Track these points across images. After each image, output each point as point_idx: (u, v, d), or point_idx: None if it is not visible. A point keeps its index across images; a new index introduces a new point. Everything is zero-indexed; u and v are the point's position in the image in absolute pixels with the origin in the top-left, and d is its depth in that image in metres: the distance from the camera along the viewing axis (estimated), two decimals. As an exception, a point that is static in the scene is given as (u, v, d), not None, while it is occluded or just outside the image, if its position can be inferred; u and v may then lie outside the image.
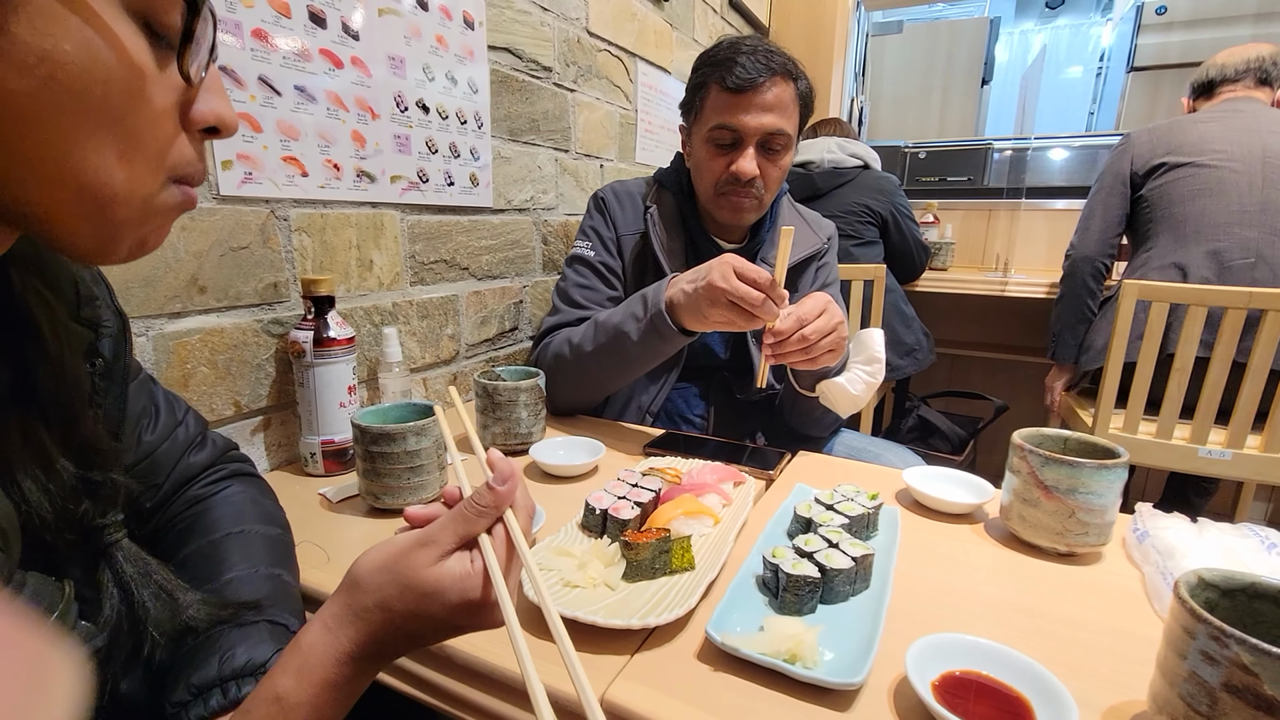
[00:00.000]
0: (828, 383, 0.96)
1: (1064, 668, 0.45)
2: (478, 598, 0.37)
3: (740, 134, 0.97)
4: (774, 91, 0.96)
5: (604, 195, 1.13)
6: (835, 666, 0.47)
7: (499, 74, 1.18)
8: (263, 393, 0.84)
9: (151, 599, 0.39)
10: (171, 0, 0.29)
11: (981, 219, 2.51)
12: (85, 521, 0.37)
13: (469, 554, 0.38)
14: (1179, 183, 1.48)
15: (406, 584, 0.36)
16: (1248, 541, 0.62)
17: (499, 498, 0.39)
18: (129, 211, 0.30)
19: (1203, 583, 0.43)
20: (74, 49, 0.26)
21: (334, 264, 0.92)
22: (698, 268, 0.87)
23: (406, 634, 0.38)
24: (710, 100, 0.99)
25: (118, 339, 0.44)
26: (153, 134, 0.30)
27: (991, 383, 2.51)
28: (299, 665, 0.36)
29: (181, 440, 0.56)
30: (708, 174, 1.02)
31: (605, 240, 1.10)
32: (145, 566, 0.40)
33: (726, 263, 0.82)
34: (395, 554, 0.37)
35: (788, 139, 0.99)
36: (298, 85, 0.83)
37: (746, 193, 1.00)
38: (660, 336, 0.89)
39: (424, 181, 1.04)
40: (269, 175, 0.81)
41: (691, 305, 0.86)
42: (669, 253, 1.06)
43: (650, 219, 1.07)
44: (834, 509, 0.67)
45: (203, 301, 0.76)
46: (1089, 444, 0.68)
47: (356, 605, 0.37)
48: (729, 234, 1.11)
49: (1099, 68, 3.69)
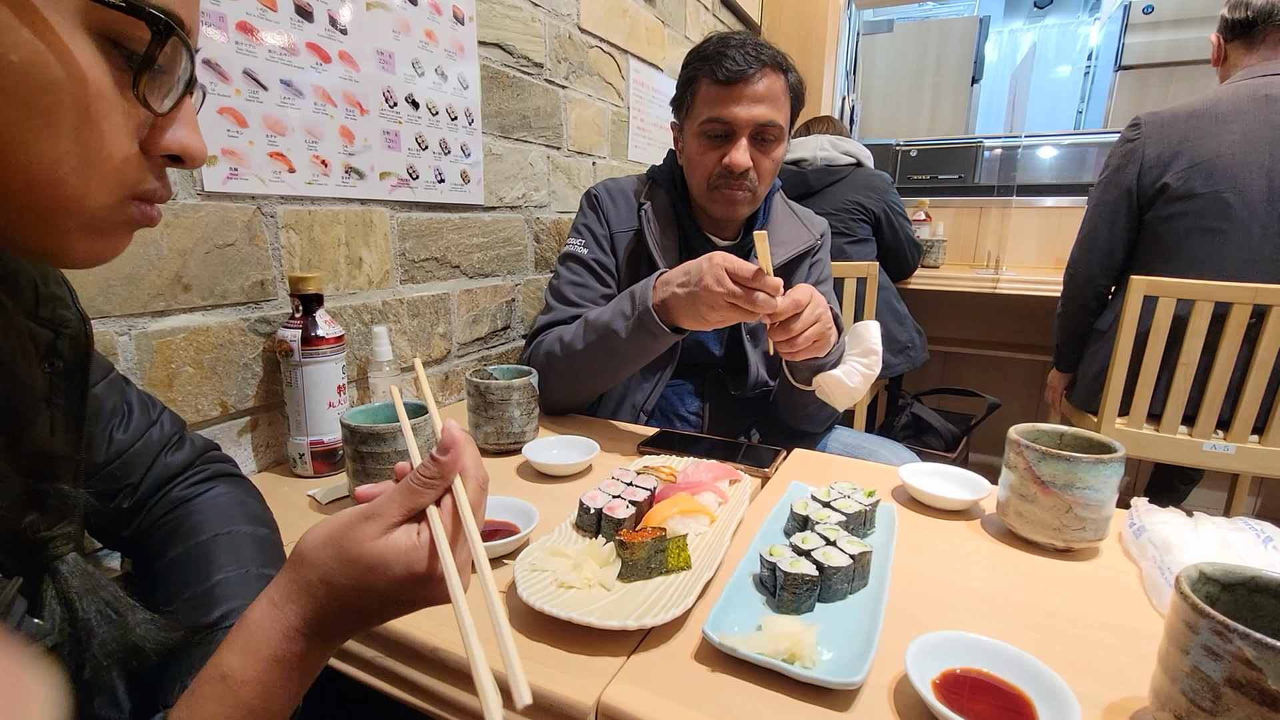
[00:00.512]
0: (824, 375, 0.95)
1: (1063, 664, 0.44)
2: (423, 570, 0.36)
3: (732, 126, 0.96)
4: (765, 83, 0.95)
5: (597, 193, 1.12)
6: (834, 666, 0.46)
7: (489, 70, 1.17)
8: (250, 393, 0.83)
9: (97, 616, 0.37)
10: (139, 26, 0.29)
11: (973, 217, 2.52)
12: (30, 534, 0.36)
13: (415, 526, 0.37)
14: (1186, 218, 1.33)
15: (350, 557, 0.35)
16: (1243, 535, 0.62)
17: (443, 468, 0.38)
18: (75, 220, 0.31)
19: (1203, 577, 0.43)
20: (20, 60, 0.27)
21: (322, 262, 0.91)
22: (687, 266, 0.87)
23: (354, 610, 0.37)
24: (701, 94, 0.99)
25: (78, 339, 0.42)
26: (104, 151, 0.30)
27: (984, 380, 2.52)
28: (244, 642, 0.35)
29: (156, 440, 0.55)
30: (700, 168, 1.01)
31: (599, 237, 1.09)
32: (92, 581, 0.38)
33: (719, 265, 0.81)
34: (339, 527, 0.36)
35: (780, 130, 0.99)
36: (284, 80, 0.81)
37: (740, 185, 0.99)
38: (649, 334, 0.89)
39: (414, 178, 1.03)
40: (255, 171, 0.79)
41: (688, 308, 0.85)
42: (663, 250, 1.05)
43: (645, 216, 1.06)
44: (831, 506, 0.66)
45: (187, 300, 0.75)
46: (1085, 439, 0.68)
47: (301, 580, 0.36)
48: (723, 230, 1.10)
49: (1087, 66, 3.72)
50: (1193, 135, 1.32)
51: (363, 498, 0.40)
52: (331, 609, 0.36)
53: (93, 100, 0.29)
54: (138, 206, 0.34)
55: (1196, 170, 1.31)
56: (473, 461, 0.40)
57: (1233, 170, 1.28)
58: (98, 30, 0.29)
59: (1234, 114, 1.29)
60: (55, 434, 0.41)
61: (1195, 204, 1.32)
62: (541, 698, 0.45)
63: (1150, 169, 1.37)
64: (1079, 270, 1.53)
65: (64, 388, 0.42)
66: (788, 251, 1.08)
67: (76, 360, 0.42)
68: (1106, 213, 1.45)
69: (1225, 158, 1.29)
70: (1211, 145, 1.30)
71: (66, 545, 0.38)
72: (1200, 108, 1.34)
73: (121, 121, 0.31)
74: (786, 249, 1.09)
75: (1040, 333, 2.41)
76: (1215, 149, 1.30)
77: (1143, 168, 1.38)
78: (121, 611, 0.39)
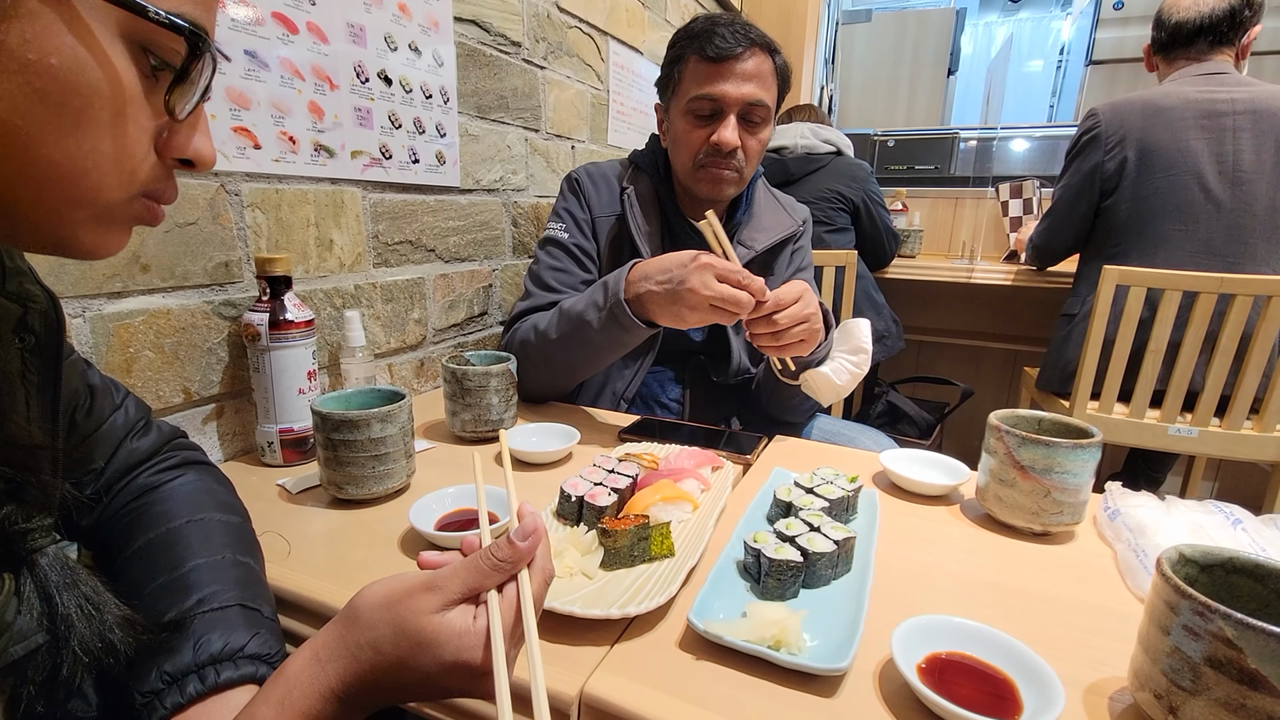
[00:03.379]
0: (812, 372, 0.95)
1: (1043, 646, 0.45)
2: (473, 660, 0.34)
3: (721, 103, 0.95)
4: (753, 62, 0.94)
5: (578, 176, 1.10)
6: (820, 652, 0.46)
7: (465, 47, 1.13)
8: (215, 379, 0.79)
9: (77, 612, 0.36)
10: (174, 38, 0.31)
11: (949, 207, 2.55)
12: (6, 526, 0.34)
13: (473, 609, 0.35)
14: (1145, 202, 1.43)
15: (403, 628, 0.34)
16: (1214, 518, 0.64)
17: (518, 553, 0.36)
18: (87, 213, 0.32)
19: (1183, 558, 0.43)
20: (60, 63, 0.28)
21: (291, 243, 0.87)
22: (667, 264, 0.84)
23: (392, 684, 0.35)
24: (689, 72, 0.97)
25: (48, 314, 0.41)
26: (126, 152, 0.32)
27: (957, 368, 2.56)
28: (281, 696, 0.33)
29: (121, 424, 0.53)
30: (686, 147, 0.99)
31: (580, 222, 1.07)
32: (72, 575, 0.37)
33: (705, 266, 0.79)
34: (399, 593, 0.35)
35: (767, 111, 0.97)
36: (248, 50, 0.78)
37: (727, 164, 0.98)
38: (621, 327, 0.86)
39: (387, 158, 1.00)
40: (218, 146, 0.75)
41: (666, 306, 0.83)
42: (645, 235, 1.04)
43: (628, 200, 1.05)
44: (814, 492, 0.66)
45: (146, 281, 0.71)
46: (1063, 424, 0.69)
47: (350, 640, 0.34)
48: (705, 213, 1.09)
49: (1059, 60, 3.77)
50: (1147, 124, 1.43)
51: (427, 564, 0.38)
52: (371, 677, 0.34)
53: (122, 104, 0.30)
54: (144, 204, 0.34)
55: (1154, 157, 1.42)
56: (543, 553, 0.38)
57: (1186, 154, 1.39)
58: (132, 37, 0.30)
59: (1183, 105, 1.41)
60: (32, 419, 0.39)
61: (1153, 190, 1.42)
62: (522, 689, 0.43)
63: (1110, 158, 1.47)
64: (1038, 246, 1.70)
65: (37, 364, 0.40)
66: (770, 238, 1.08)
67: (48, 336, 0.41)
68: (1070, 197, 1.55)
69: (1179, 143, 1.40)
70: (1165, 134, 1.41)
71: (45, 537, 0.36)
72: (1153, 99, 1.46)
73: (146, 124, 0.32)
74: (769, 235, 1.08)
75: (1013, 323, 2.46)
76: (1169, 138, 1.41)
77: (1104, 156, 1.48)
78: (100, 606, 0.37)
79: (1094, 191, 1.51)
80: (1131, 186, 1.45)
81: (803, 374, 0.96)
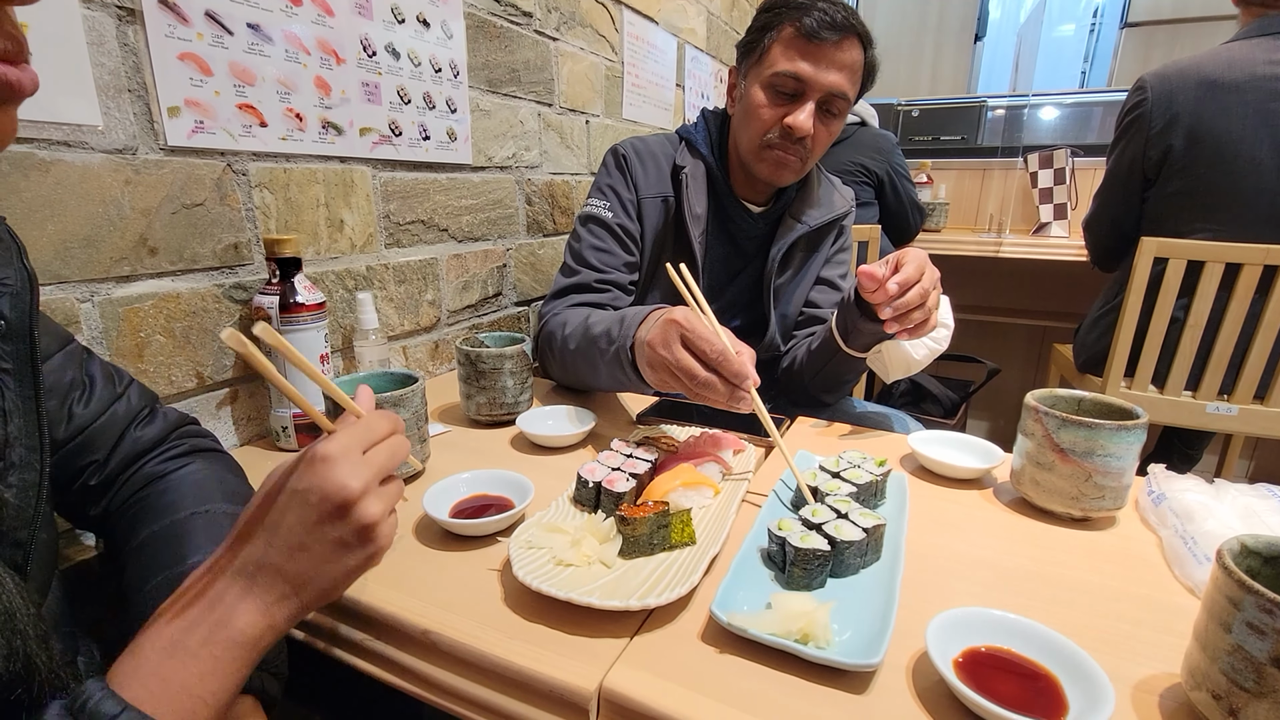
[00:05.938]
0: (889, 344, 0.87)
1: (1086, 639, 0.42)
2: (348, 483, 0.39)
3: (806, 85, 0.90)
4: (850, 52, 0.89)
5: (625, 151, 1.05)
6: (850, 646, 0.44)
7: (475, 19, 1.09)
8: (227, 363, 0.79)
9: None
10: None
11: (975, 179, 2.46)
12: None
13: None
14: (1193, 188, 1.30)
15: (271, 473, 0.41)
16: (1267, 502, 0.60)
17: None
18: None
19: (1245, 549, 0.40)
20: None
21: (300, 224, 0.85)
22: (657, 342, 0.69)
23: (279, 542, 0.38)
24: (781, 42, 0.91)
25: (21, 296, 0.39)
26: None
27: (983, 346, 2.50)
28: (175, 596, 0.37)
29: (123, 414, 0.52)
30: (758, 122, 0.94)
31: (625, 202, 1.02)
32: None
33: (675, 323, 0.67)
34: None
35: (846, 105, 0.93)
36: (251, 23, 0.75)
37: (795, 150, 0.93)
38: (622, 369, 0.77)
39: (396, 135, 0.97)
40: (223, 124, 0.73)
41: (652, 376, 0.72)
42: (696, 218, 1.00)
43: (684, 180, 1.00)
44: (840, 477, 0.63)
45: (154, 264, 0.70)
46: (1104, 404, 0.65)
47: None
48: (757, 195, 1.05)
49: (1092, 23, 3.60)
50: (1202, 107, 1.26)
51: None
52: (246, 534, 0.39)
53: None
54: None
55: (1206, 148, 1.26)
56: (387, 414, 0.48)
57: (1243, 141, 1.23)
58: None
59: (1248, 82, 1.22)
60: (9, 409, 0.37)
61: (1202, 174, 1.28)
62: (540, 683, 0.42)
63: (1157, 139, 1.32)
64: (1092, 230, 1.55)
65: (9, 350, 0.38)
66: (823, 215, 1.05)
67: (19, 320, 0.39)
68: (1118, 184, 1.44)
69: (1236, 128, 1.24)
70: (1221, 121, 1.24)
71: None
72: (1211, 72, 1.26)
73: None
74: (822, 213, 1.06)
75: (1042, 298, 2.38)
76: (1226, 126, 1.24)
77: (1150, 138, 1.33)
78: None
79: (1136, 181, 1.39)
80: (1179, 176, 1.31)
81: (876, 346, 0.89)
